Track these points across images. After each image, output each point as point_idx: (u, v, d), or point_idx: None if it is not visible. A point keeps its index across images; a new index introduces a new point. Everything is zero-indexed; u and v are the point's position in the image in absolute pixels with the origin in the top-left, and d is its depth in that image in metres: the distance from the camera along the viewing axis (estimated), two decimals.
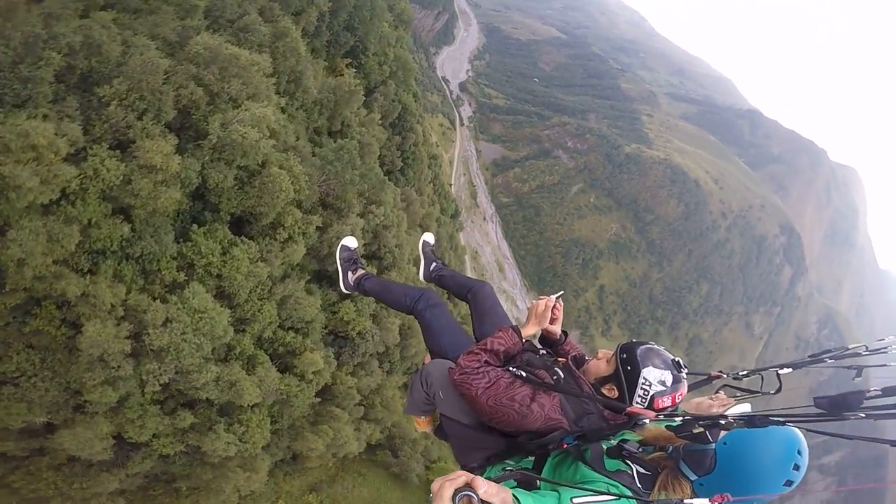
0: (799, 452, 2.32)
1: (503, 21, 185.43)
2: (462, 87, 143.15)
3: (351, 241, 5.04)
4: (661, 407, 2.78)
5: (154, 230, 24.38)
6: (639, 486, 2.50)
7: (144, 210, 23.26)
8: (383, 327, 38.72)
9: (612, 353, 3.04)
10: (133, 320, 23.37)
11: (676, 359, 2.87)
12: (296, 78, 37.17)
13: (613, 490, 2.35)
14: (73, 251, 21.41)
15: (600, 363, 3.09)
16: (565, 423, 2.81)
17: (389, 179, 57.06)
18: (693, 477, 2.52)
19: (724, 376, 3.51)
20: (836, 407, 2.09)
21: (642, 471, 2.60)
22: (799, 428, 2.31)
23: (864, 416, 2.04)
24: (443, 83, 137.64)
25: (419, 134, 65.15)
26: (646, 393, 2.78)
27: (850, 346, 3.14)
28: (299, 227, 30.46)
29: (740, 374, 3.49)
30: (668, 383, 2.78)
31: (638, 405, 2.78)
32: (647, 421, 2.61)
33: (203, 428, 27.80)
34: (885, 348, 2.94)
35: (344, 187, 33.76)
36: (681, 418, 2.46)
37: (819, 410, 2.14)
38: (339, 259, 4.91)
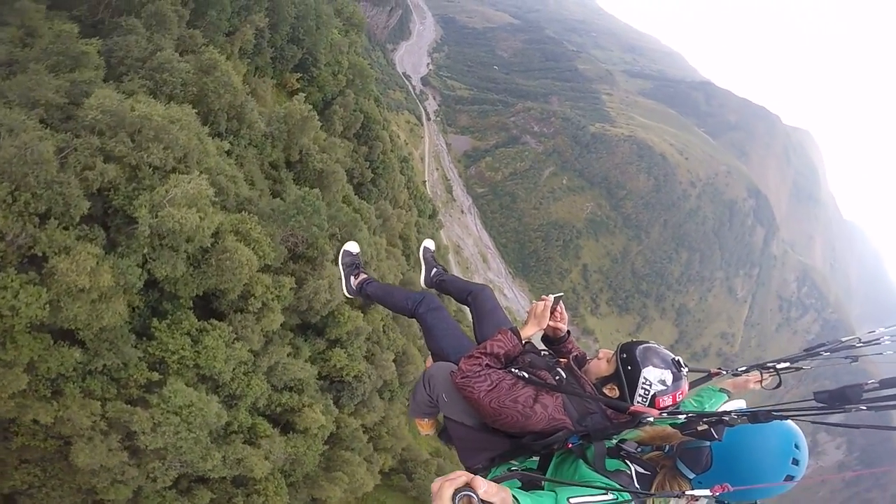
0: (797, 446, 2.32)
1: (457, 11, 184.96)
2: (424, 81, 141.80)
3: (353, 247, 5.10)
4: (662, 406, 2.78)
5: (110, 344, 21.49)
6: (637, 486, 2.50)
7: (90, 331, 20.03)
8: (378, 365, 37.45)
9: (613, 353, 3.03)
10: (120, 428, 21.51)
11: (676, 358, 2.88)
12: (237, 114, 33.74)
13: (611, 489, 2.33)
14: (26, 386, 18.78)
15: (601, 363, 3.08)
16: (569, 423, 2.81)
17: (360, 193, 55.37)
18: (691, 475, 2.50)
19: (724, 373, 3.53)
20: (835, 400, 2.12)
21: (641, 470, 2.60)
22: (802, 421, 2.27)
23: (864, 408, 2.08)
24: (404, 79, 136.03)
25: (386, 141, 62.94)
26: (646, 392, 2.78)
27: (843, 339, 3.17)
28: (272, 293, 27.56)
29: (739, 369, 3.52)
30: (669, 382, 2.79)
31: (639, 403, 2.78)
32: (651, 419, 2.60)
33: (222, 502, 26.93)
34: (877, 340, 2.96)
35: (313, 235, 30.52)
36: (685, 416, 2.47)
37: (820, 404, 2.16)
38: (342, 264, 4.95)
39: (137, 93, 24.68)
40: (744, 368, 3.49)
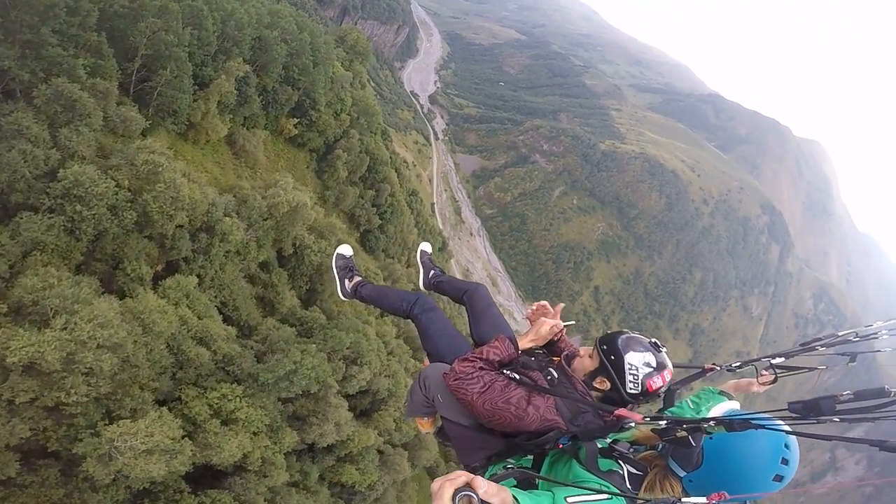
0: (787, 446, 2.34)
1: (463, 28, 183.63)
2: (432, 99, 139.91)
3: (346, 250, 5.05)
4: (654, 388, 2.88)
5: None
6: (629, 486, 2.53)
7: None
8: (392, 468, 35.16)
9: (592, 347, 3.11)
10: None
11: (653, 340, 3.00)
12: (204, 225, 29.34)
13: (605, 490, 2.37)
14: None
15: (584, 360, 3.15)
16: (561, 422, 2.86)
17: (367, 241, 52.13)
18: (682, 473, 2.52)
19: (718, 368, 3.50)
20: (809, 411, 2.16)
21: (633, 471, 2.62)
22: (775, 431, 2.31)
23: (837, 419, 2.11)
24: (412, 97, 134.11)
25: (394, 181, 59.28)
26: (635, 378, 2.87)
27: (839, 333, 3.13)
28: (272, 449, 25.82)
29: (733, 365, 3.48)
30: (653, 364, 2.89)
31: (632, 390, 2.88)
32: (632, 424, 2.63)
33: None
34: (874, 334, 2.92)
35: (310, 386, 27.93)
36: (665, 422, 2.49)
37: (794, 414, 2.21)
38: (335, 267, 4.93)
39: (45, 245, 21.48)
40: (738, 364, 3.43)
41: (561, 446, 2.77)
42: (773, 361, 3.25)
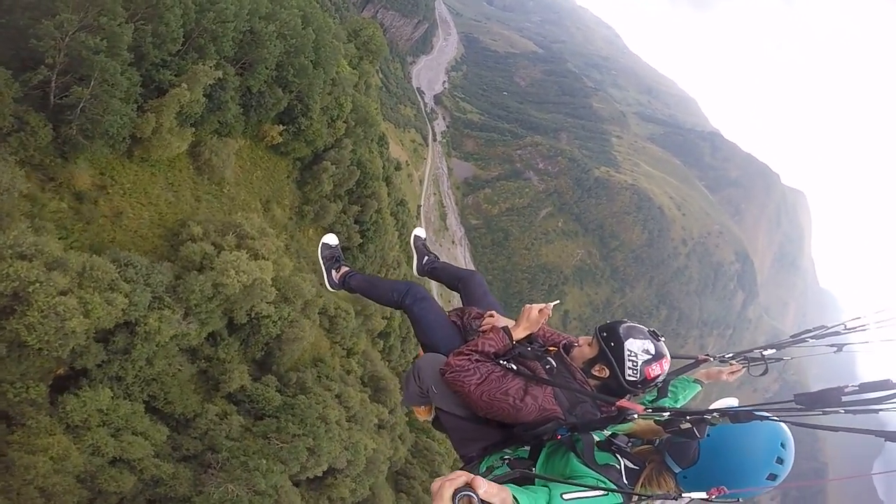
0: (782, 445, 2.36)
1: (483, 32, 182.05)
2: (437, 99, 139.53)
3: (332, 239, 5.03)
4: (652, 376, 2.89)
5: None
6: (625, 481, 2.53)
7: None
8: None
9: (592, 336, 3.11)
10: None
11: (652, 329, 3.01)
12: (125, 323, 23.78)
13: (602, 485, 2.38)
14: None
15: (583, 348, 3.13)
16: (560, 412, 2.85)
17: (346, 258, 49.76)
18: (677, 469, 2.53)
19: (711, 359, 3.57)
20: (815, 402, 2.16)
21: (630, 465, 2.63)
22: (781, 422, 2.36)
23: (843, 411, 2.11)
24: (418, 95, 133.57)
25: (383, 197, 55.53)
26: (634, 364, 2.87)
27: (829, 326, 3.25)
28: None
29: (726, 356, 3.55)
30: (652, 351, 2.89)
31: (631, 377, 2.88)
32: (635, 415, 2.59)
33: None
34: (862, 326, 3.00)
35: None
36: (668, 413, 2.46)
37: (799, 406, 2.20)
38: (322, 258, 4.90)
39: None
40: (730, 355, 3.55)
41: (559, 437, 2.78)
42: (765, 353, 3.41)
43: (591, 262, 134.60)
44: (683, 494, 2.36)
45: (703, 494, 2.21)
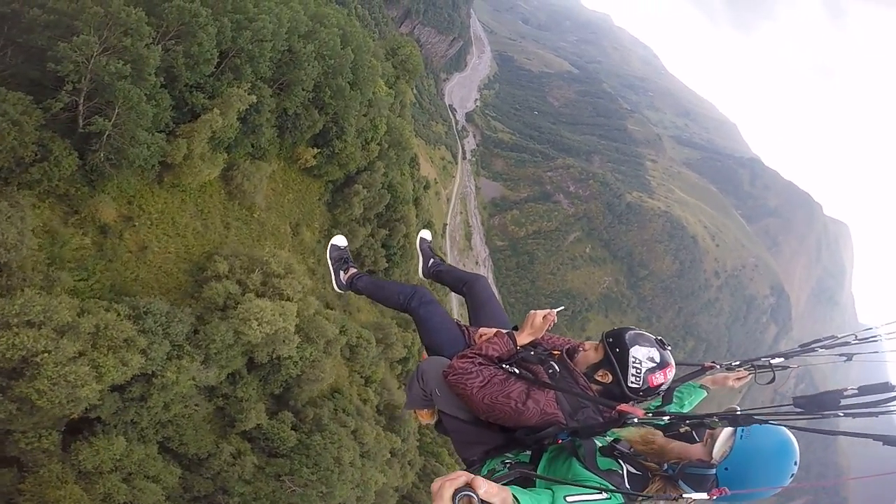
0: (795, 463, 2.38)
1: (517, 51, 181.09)
2: (468, 117, 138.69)
3: (340, 240, 5.08)
4: (655, 384, 2.91)
5: None
6: (628, 486, 2.52)
7: None
8: None
9: (598, 341, 3.13)
10: None
11: (659, 337, 3.03)
12: (139, 397, 23.15)
13: (605, 489, 2.37)
14: None
15: (588, 353, 3.16)
16: (561, 416, 2.86)
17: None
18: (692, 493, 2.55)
19: (717, 367, 3.59)
20: (814, 406, 2.18)
21: (633, 471, 2.60)
22: (780, 425, 2.35)
23: (841, 414, 2.12)
24: (450, 112, 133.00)
25: (411, 221, 55.20)
26: (638, 371, 2.89)
27: (839, 336, 3.23)
28: None
29: (733, 364, 3.57)
30: (657, 360, 2.91)
31: (633, 384, 2.90)
32: (635, 419, 2.61)
33: None
34: (873, 337, 3.01)
35: None
36: (668, 418, 2.50)
37: (798, 409, 2.22)
38: (330, 259, 4.96)
39: None
40: (737, 363, 3.56)
41: (560, 442, 2.76)
42: (773, 361, 3.43)
43: (617, 291, 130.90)
44: (684, 496, 2.32)
45: (703, 495, 2.22)
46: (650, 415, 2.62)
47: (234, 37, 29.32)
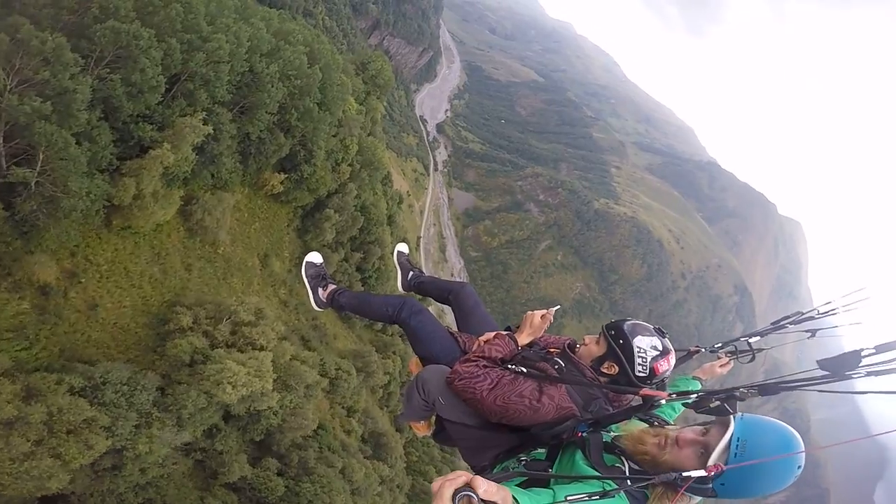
0: (799, 467, 2.37)
1: (485, 61, 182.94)
2: (439, 128, 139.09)
3: (315, 257, 4.86)
4: (661, 371, 2.93)
5: None
6: (629, 483, 2.50)
7: None
8: None
9: (598, 334, 3.16)
10: None
11: (657, 326, 3.09)
12: (111, 468, 21.73)
13: (608, 487, 2.37)
14: None
15: (590, 347, 3.17)
16: (576, 409, 2.86)
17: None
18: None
19: (703, 350, 3.82)
20: (838, 367, 2.16)
21: (635, 467, 2.60)
22: (809, 390, 2.30)
23: (864, 374, 2.12)
24: (420, 123, 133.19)
25: (386, 243, 53.33)
26: (644, 361, 2.91)
27: (804, 311, 3.50)
28: None
29: (716, 346, 3.83)
30: (660, 347, 2.95)
31: (640, 373, 2.91)
32: (662, 402, 2.60)
33: None
34: (833, 310, 3.26)
35: None
36: (695, 395, 2.48)
37: (823, 373, 2.21)
38: (306, 277, 4.73)
39: None
40: (719, 345, 3.84)
41: (580, 434, 2.74)
42: (750, 340, 3.67)
43: (590, 296, 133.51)
44: (683, 473, 2.30)
45: (702, 472, 2.24)
46: (674, 396, 2.60)
47: (185, 59, 26.29)
